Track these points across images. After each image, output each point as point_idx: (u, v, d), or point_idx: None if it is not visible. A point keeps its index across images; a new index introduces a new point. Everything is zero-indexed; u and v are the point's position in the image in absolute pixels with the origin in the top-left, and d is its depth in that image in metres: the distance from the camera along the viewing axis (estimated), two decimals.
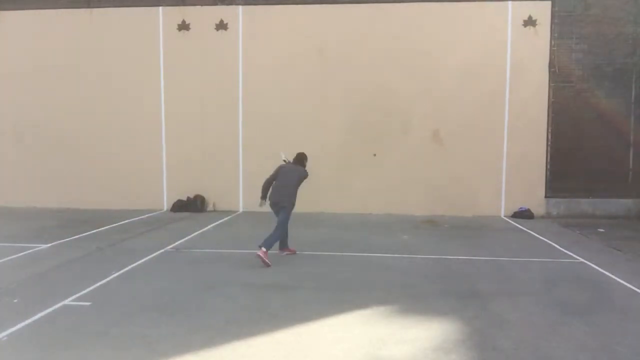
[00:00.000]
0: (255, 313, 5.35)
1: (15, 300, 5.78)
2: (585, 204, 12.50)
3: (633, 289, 6.36)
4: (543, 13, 12.40)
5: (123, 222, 11.17)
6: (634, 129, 12.36)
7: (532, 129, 12.47)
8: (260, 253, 7.25)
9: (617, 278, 6.79)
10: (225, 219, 11.82)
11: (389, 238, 9.65)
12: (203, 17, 13.10)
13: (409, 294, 6.10)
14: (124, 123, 13.31)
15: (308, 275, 6.89)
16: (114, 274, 6.86)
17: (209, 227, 10.73)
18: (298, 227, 10.60)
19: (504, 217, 12.44)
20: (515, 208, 12.47)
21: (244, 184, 13.15)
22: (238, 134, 13.17)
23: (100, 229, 10.27)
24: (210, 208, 13.25)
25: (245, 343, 4.58)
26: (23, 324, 5.00)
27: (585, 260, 7.82)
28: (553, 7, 12.39)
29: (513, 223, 11.59)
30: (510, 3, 12.49)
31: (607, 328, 5.04)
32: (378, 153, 12.80)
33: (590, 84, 12.40)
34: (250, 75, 13.02)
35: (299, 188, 7.91)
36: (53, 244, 8.78)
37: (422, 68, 12.61)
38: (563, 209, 12.49)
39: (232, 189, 13.16)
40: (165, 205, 13.36)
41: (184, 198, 13.10)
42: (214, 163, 13.18)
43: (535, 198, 12.51)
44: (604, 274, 7.03)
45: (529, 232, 10.42)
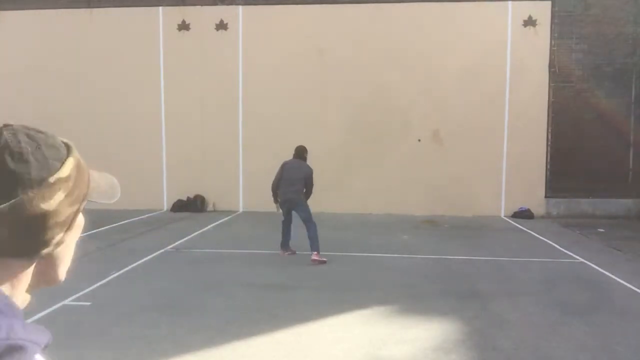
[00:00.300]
0: (255, 313, 5.35)
1: None
2: (585, 204, 12.50)
3: (633, 289, 6.36)
4: (543, 13, 12.40)
5: (123, 222, 11.16)
6: (634, 129, 12.35)
7: (532, 129, 12.47)
8: (315, 257, 7.42)
9: (617, 278, 6.79)
10: (225, 219, 11.82)
11: (389, 238, 9.64)
12: (203, 17, 13.10)
13: (409, 294, 6.10)
14: (124, 123, 13.31)
15: (308, 275, 6.89)
16: (114, 274, 6.86)
17: (209, 227, 10.73)
18: (298, 227, 10.61)
19: (504, 217, 12.44)
20: (515, 208, 12.47)
21: (244, 184, 13.16)
22: (238, 134, 13.17)
23: (100, 229, 10.27)
24: (210, 208, 13.25)
25: (245, 343, 4.58)
26: None
27: (585, 260, 7.82)
28: (553, 7, 12.39)
29: (513, 223, 11.59)
30: (510, 3, 12.48)
31: (607, 328, 5.04)
32: (378, 153, 12.79)
33: (590, 84, 12.39)
34: (250, 75, 13.02)
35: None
36: None
37: (422, 68, 12.60)
38: (563, 209, 12.49)
39: (232, 189, 13.17)
40: (165, 205, 13.36)
41: (184, 198, 13.11)
42: (214, 163, 13.18)
43: (535, 198, 12.50)
44: (604, 274, 7.03)
45: (529, 232, 10.41)
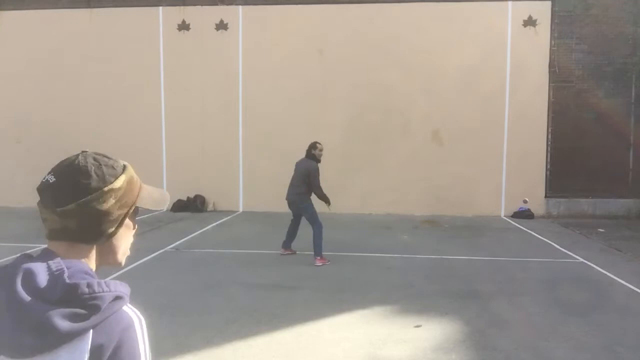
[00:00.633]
0: (255, 313, 5.35)
1: None
2: (585, 204, 12.50)
3: (633, 289, 6.36)
4: (543, 13, 12.40)
5: None
6: (634, 129, 12.35)
7: (532, 129, 12.47)
8: (318, 262, 7.30)
9: (617, 278, 6.79)
10: (225, 219, 11.82)
11: (389, 238, 9.64)
12: (203, 17, 13.10)
13: (409, 294, 6.10)
14: (124, 123, 13.31)
15: (308, 276, 6.89)
16: (114, 274, 6.85)
17: (209, 227, 10.73)
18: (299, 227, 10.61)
19: (504, 217, 12.44)
20: (515, 208, 12.47)
21: (244, 184, 13.16)
22: (238, 134, 13.17)
23: None
24: (210, 208, 13.25)
25: (246, 343, 4.58)
26: None
27: (585, 260, 7.82)
28: (553, 7, 12.39)
29: (513, 223, 11.58)
30: (510, 3, 12.49)
31: (607, 328, 5.04)
32: (378, 153, 12.78)
33: (590, 84, 12.39)
34: (250, 75, 13.02)
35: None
36: None
37: (422, 68, 12.60)
38: (563, 209, 12.49)
39: (232, 189, 13.17)
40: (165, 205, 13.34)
41: (184, 198, 13.11)
42: (214, 163, 13.18)
43: (535, 198, 12.51)
44: (604, 274, 7.03)
45: (529, 232, 10.41)
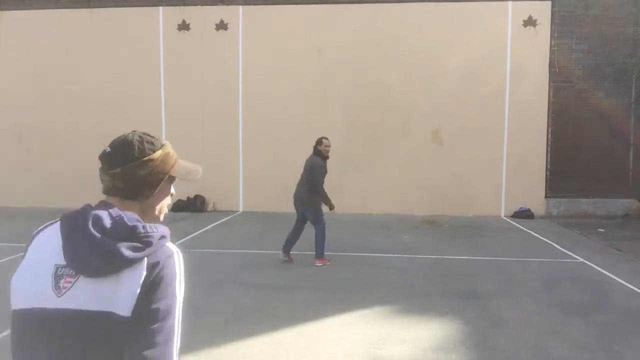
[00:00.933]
0: (255, 313, 5.35)
1: None
2: (585, 204, 12.50)
3: (633, 289, 6.36)
4: (543, 13, 12.40)
5: None
6: (634, 129, 12.35)
7: (532, 129, 12.47)
8: (318, 263, 7.26)
9: (617, 278, 6.79)
10: (225, 219, 11.82)
11: (389, 238, 9.64)
12: (203, 17, 13.10)
13: (409, 294, 6.10)
14: (124, 123, 13.23)
15: (308, 275, 6.89)
16: None
17: (209, 227, 10.73)
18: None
19: (504, 217, 12.44)
20: (515, 208, 12.47)
21: (244, 184, 13.16)
22: (238, 134, 13.17)
23: None
24: (210, 208, 13.25)
25: (246, 343, 4.58)
26: None
27: (585, 260, 7.82)
28: (553, 7, 12.39)
29: (513, 223, 11.58)
30: (510, 3, 12.48)
31: (607, 328, 5.04)
32: (378, 153, 12.78)
33: (590, 84, 12.39)
34: (250, 75, 13.02)
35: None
36: None
37: (422, 68, 12.60)
38: (563, 209, 12.49)
39: (232, 189, 13.17)
40: None
41: (184, 198, 13.11)
42: (214, 163, 13.14)
43: (535, 198, 12.51)
44: (604, 274, 7.03)
45: (529, 232, 10.42)
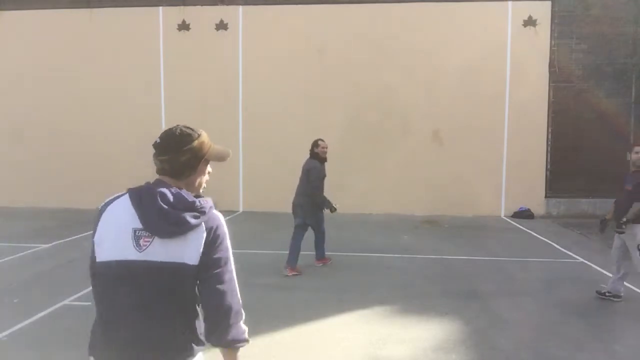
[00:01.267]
0: (255, 313, 5.32)
1: (16, 300, 5.78)
2: (585, 204, 12.50)
3: (633, 289, 6.35)
4: (543, 13, 12.40)
5: None
6: (634, 129, 12.35)
7: (532, 129, 12.47)
8: (318, 263, 7.24)
9: None
10: (225, 219, 11.78)
11: (389, 238, 9.64)
12: (203, 17, 13.10)
13: (409, 294, 6.10)
14: (124, 123, 13.30)
15: (308, 276, 6.89)
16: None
17: None
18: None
19: (504, 217, 12.44)
20: (515, 208, 12.47)
21: (244, 184, 13.15)
22: (238, 134, 13.16)
23: None
24: None
25: None
26: (23, 324, 5.00)
27: (585, 260, 7.82)
28: (553, 7, 12.39)
29: (513, 223, 11.58)
30: (510, 3, 12.48)
31: (607, 328, 5.04)
32: (378, 153, 12.77)
33: (590, 84, 12.39)
34: (250, 76, 13.01)
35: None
36: (53, 244, 8.78)
37: (422, 68, 12.60)
38: (563, 209, 12.49)
39: (232, 189, 13.15)
40: None
41: None
42: (214, 163, 13.07)
43: (535, 198, 12.51)
44: (604, 274, 7.02)
45: (529, 232, 10.41)
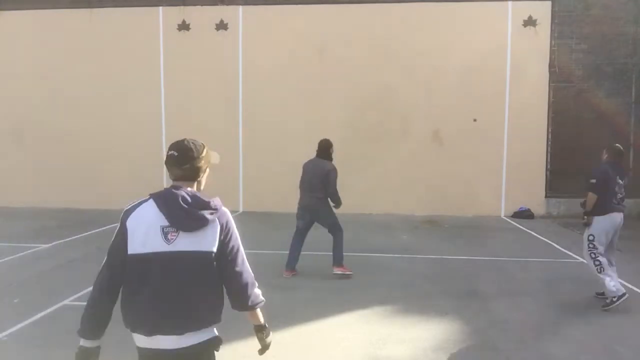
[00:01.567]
0: None
1: (16, 300, 5.79)
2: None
3: (633, 289, 6.36)
4: (543, 13, 12.39)
5: None
6: (634, 129, 12.35)
7: (532, 129, 12.46)
8: (337, 270, 6.77)
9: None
10: None
11: (389, 238, 9.65)
12: (203, 17, 13.09)
13: (409, 294, 6.10)
14: (124, 123, 13.30)
15: (308, 275, 6.89)
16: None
17: None
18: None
19: (504, 217, 12.44)
20: (515, 208, 12.47)
21: (244, 184, 13.15)
22: (238, 134, 13.16)
23: (100, 229, 10.27)
24: None
25: (246, 343, 4.57)
26: (23, 324, 5.00)
27: (585, 261, 7.79)
28: (553, 7, 12.39)
29: (513, 223, 11.58)
30: (510, 3, 12.48)
31: (607, 328, 5.04)
32: (378, 153, 12.76)
33: (590, 84, 12.39)
34: (250, 75, 13.01)
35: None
36: (53, 244, 8.78)
37: (422, 68, 12.59)
38: (563, 209, 12.48)
39: (232, 189, 13.14)
40: None
41: None
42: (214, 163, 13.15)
43: (535, 198, 12.50)
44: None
45: (529, 232, 10.41)
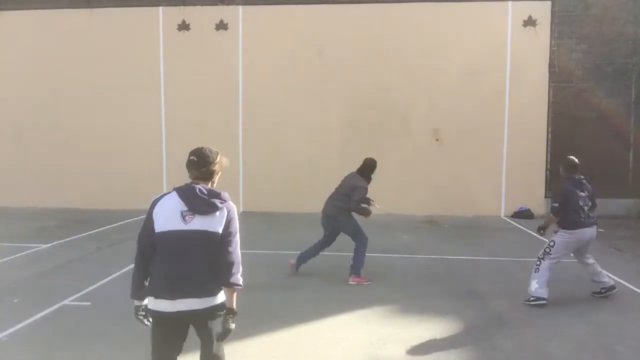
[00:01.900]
0: (255, 313, 5.34)
1: (15, 300, 5.78)
2: None
3: (633, 289, 6.36)
4: (543, 13, 12.40)
5: (123, 222, 11.15)
6: (634, 129, 12.35)
7: (532, 129, 12.46)
8: (352, 281, 6.54)
9: (617, 278, 6.78)
10: None
11: (389, 238, 9.64)
12: (203, 17, 13.09)
13: (409, 294, 6.10)
14: (124, 123, 13.29)
15: (308, 275, 6.89)
16: (114, 274, 6.86)
17: None
18: (298, 227, 10.62)
19: (504, 217, 12.43)
20: (515, 208, 12.46)
21: (244, 184, 13.14)
22: (238, 134, 13.15)
23: (100, 229, 10.27)
24: None
25: (246, 343, 4.57)
26: (23, 324, 5.00)
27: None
28: (553, 7, 12.39)
29: (513, 223, 11.58)
30: (510, 3, 12.48)
31: (607, 328, 5.04)
32: (378, 153, 12.65)
33: (590, 84, 12.39)
34: (250, 75, 13.01)
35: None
36: (53, 244, 8.78)
37: (422, 68, 12.60)
38: None
39: (232, 189, 13.05)
40: None
41: None
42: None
43: (535, 198, 12.50)
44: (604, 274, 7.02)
45: (529, 232, 10.41)
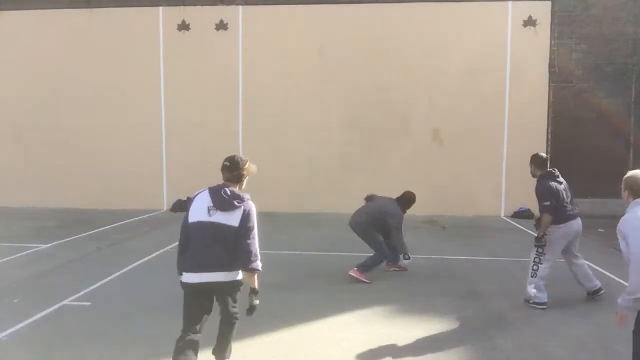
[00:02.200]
0: (256, 313, 5.32)
1: (15, 300, 5.78)
2: (585, 204, 12.42)
3: None
4: (543, 13, 12.40)
5: (123, 222, 11.16)
6: (634, 129, 12.35)
7: (532, 129, 12.45)
8: (354, 273, 6.61)
9: (617, 278, 6.80)
10: None
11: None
12: (203, 17, 13.10)
13: (409, 294, 6.10)
14: (124, 123, 13.30)
15: (308, 275, 6.90)
16: (114, 274, 6.86)
17: None
18: (299, 227, 10.63)
19: (504, 217, 12.43)
20: (515, 208, 12.46)
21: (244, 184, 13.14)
22: (238, 134, 13.15)
23: (100, 229, 10.27)
24: None
25: (246, 343, 4.57)
26: (23, 324, 5.00)
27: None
28: (553, 7, 12.40)
29: (513, 223, 11.58)
30: (510, 3, 12.48)
31: (607, 328, 5.03)
32: (378, 153, 12.75)
33: (590, 84, 12.40)
34: (250, 75, 13.01)
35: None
36: (53, 244, 8.78)
37: (422, 68, 12.59)
38: None
39: None
40: (165, 205, 13.35)
41: (184, 198, 13.08)
42: (214, 163, 13.08)
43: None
44: (604, 274, 7.04)
45: (529, 232, 10.40)
